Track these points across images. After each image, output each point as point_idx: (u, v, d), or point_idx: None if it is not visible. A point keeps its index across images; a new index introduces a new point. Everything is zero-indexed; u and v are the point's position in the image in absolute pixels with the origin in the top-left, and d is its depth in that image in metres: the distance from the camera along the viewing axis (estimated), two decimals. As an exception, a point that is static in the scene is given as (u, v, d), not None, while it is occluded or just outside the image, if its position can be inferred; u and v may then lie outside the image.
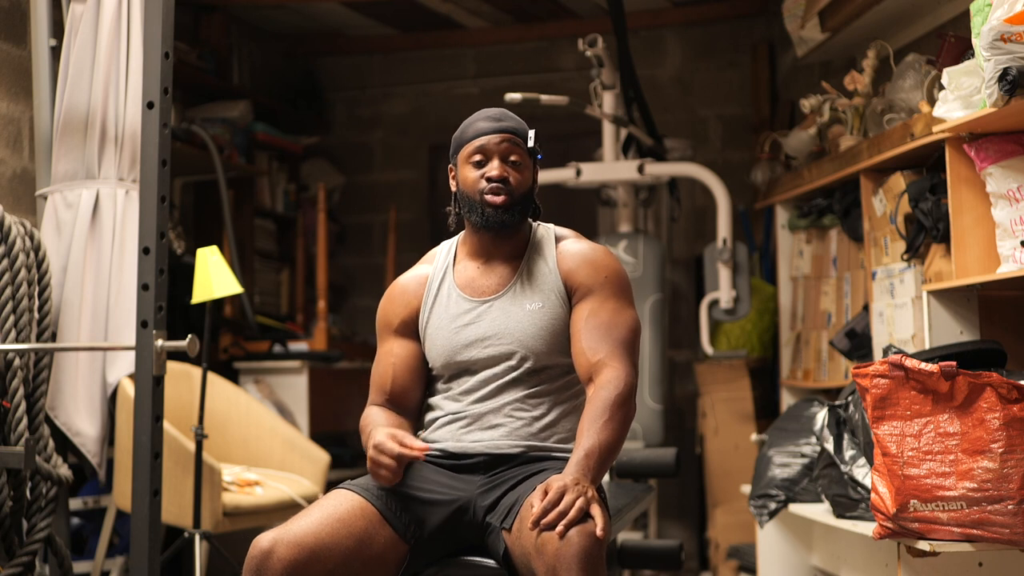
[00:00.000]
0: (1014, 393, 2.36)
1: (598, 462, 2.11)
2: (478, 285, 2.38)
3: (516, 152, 2.36)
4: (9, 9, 3.89)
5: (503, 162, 2.35)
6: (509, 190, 2.33)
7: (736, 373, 4.75)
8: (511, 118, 2.40)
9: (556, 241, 2.41)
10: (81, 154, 3.61)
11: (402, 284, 2.45)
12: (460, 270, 2.41)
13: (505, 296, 2.35)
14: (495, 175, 2.32)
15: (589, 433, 2.13)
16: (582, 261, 2.36)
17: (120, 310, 3.57)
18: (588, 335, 2.27)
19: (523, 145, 2.37)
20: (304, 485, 3.93)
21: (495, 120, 2.38)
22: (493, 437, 2.29)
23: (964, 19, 2.87)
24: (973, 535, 2.42)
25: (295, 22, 5.89)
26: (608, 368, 2.22)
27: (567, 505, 1.99)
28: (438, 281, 2.41)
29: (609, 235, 4.75)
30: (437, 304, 2.38)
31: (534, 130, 2.39)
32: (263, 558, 2.06)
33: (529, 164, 2.38)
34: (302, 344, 5.03)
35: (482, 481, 2.26)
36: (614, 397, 2.18)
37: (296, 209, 5.74)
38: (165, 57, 2.99)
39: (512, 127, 2.37)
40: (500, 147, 2.35)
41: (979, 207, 2.84)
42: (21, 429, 3.11)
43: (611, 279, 2.34)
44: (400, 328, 2.41)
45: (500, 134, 2.35)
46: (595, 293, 2.32)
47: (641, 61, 4.99)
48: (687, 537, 5.36)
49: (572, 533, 1.96)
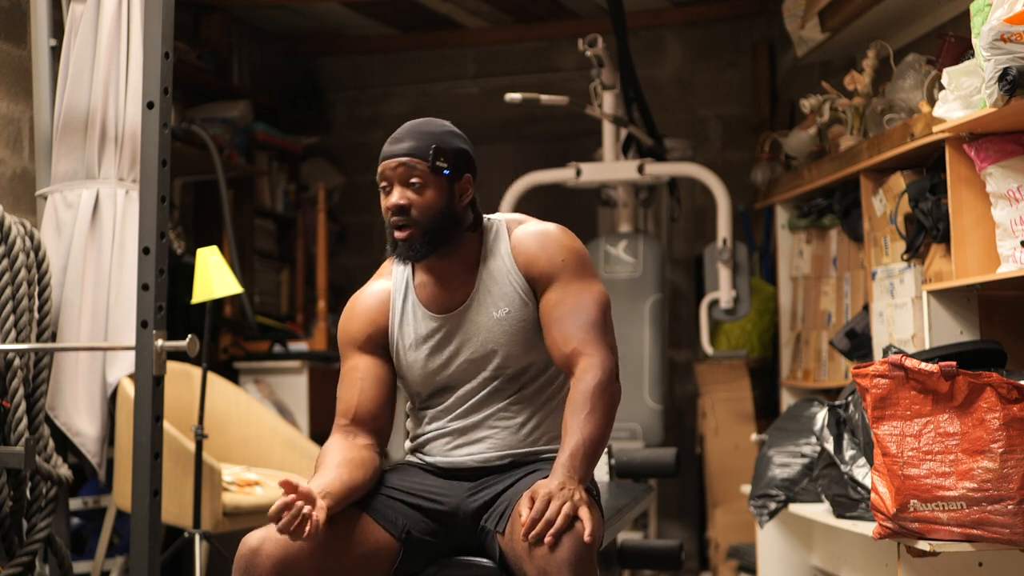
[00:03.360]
0: (1014, 393, 2.36)
1: (584, 459, 2.07)
2: (441, 300, 2.30)
3: (415, 174, 2.21)
4: (9, 9, 3.89)
5: (403, 187, 2.22)
6: (411, 220, 2.21)
7: (736, 373, 4.75)
8: (416, 135, 2.25)
9: (509, 232, 2.32)
10: (81, 154, 3.61)
11: (364, 300, 2.37)
12: (420, 285, 2.33)
13: (470, 307, 2.29)
14: (392, 204, 2.22)
15: (572, 430, 2.10)
16: (537, 250, 2.27)
17: (120, 310, 3.57)
18: (558, 325, 2.22)
19: (423, 165, 2.22)
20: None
21: (396, 142, 2.24)
22: (480, 450, 2.27)
23: (964, 19, 2.87)
24: (973, 535, 2.42)
25: (295, 22, 5.89)
26: (584, 357, 2.17)
27: (553, 513, 1.96)
28: (401, 298, 2.34)
29: (609, 235, 4.75)
30: (404, 323, 2.32)
31: (435, 145, 2.23)
32: (251, 556, 2.05)
33: (438, 182, 2.23)
34: (302, 344, 5.04)
35: (470, 487, 2.26)
36: (593, 387, 2.13)
37: (296, 209, 5.74)
38: (165, 57, 2.99)
39: (407, 149, 2.22)
40: (396, 172, 2.22)
41: (979, 207, 2.84)
42: (21, 429, 3.11)
43: (568, 261, 2.26)
44: (366, 345, 2.33)
45: (395, 159, 2.22)
46: (557, 279, 2.25)
47: (641, 61, 4.99)
48: (687, 537, 5.36)
49: (561, 538, 1.95)
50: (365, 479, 2.19)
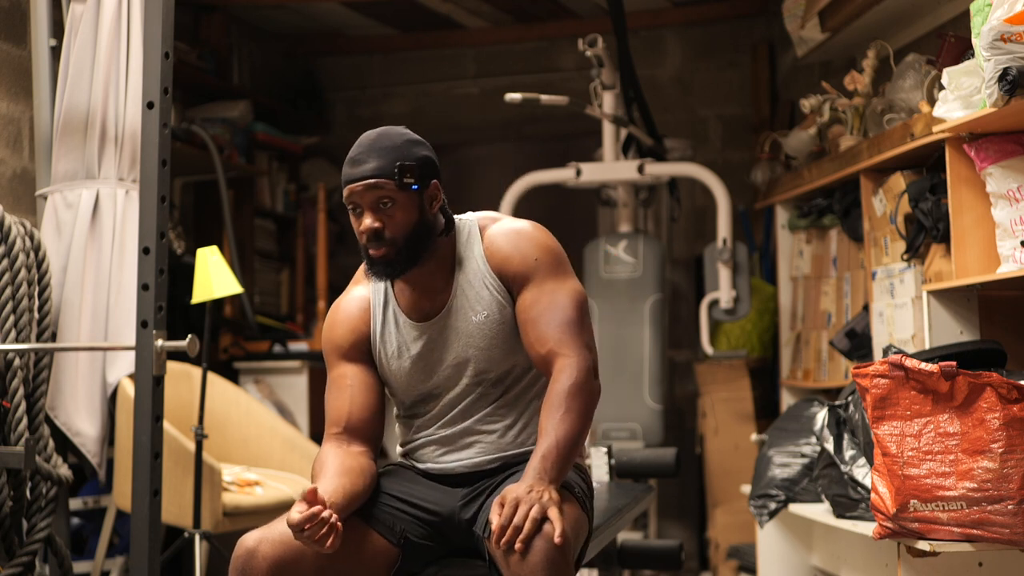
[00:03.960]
0: (1014, 393, 2.36)
1: (556, 461, 2.05)
2: (420, 307, 2.28)
3: (385, 195, 2.16)
4: (9, 9, 3.89)
5: (373, 211, 2.17)
6: (388, 240, 2.18)
7: (736, 373, 4.75)
8: (377, 153, 2.18)
9: (481, 234, 2.29)
10: (81, 154, 3.61)
11: (345, 308, 2.33)
12: (399, 292, 2.31)
13: (449, 313, 2.27)
14: (365, 228, 2.17)
15: (546, 432, 2.08)
16: (511, 250, 2.25)
17: (120, 310, 3.57)
18: (533, 325, 2.20)
19: (390, 184, 2.16)
20: (304, 485, 3.93)
21: (357, 164, 2.18)
22: (470, 455, 2.27)
23: (964, 19, 2.87)
24: (973, 535, 2.42)
25: (295, 22, 5.89)
26: (559, 357, 2.15)
27: (521, 519, 1.95)
28: (381, 305, 2.31)
29: (609, 235, 4.75)
30: (386, 332, 2.30)
31: (399, 161, 2.17)
32: (248, 557, 2.04)
33: (407, 198, 2.18)
34: (302, 344, 5.04)
35: (464, 492, 2.25)
36: (568, 387, 2.11)
37: (296, 209, 5.74)
38: (165, 57, 2.99)
39: (371, 171, 2.16)
40: (365, 196, 2.17)
41: (979, 207, 2.84)
42: (21, 429, 3.11)
43: (543, 259, 2.24)
44: (351, 353, 2.30)
45: (360, 182, 2.17)
46: (531, 279, 2.23)
47: (641, 61, 4.99)
48: (687, 537, 5.36)
49: (532, 542, 1.94)
50: (365, 487, 2.18)
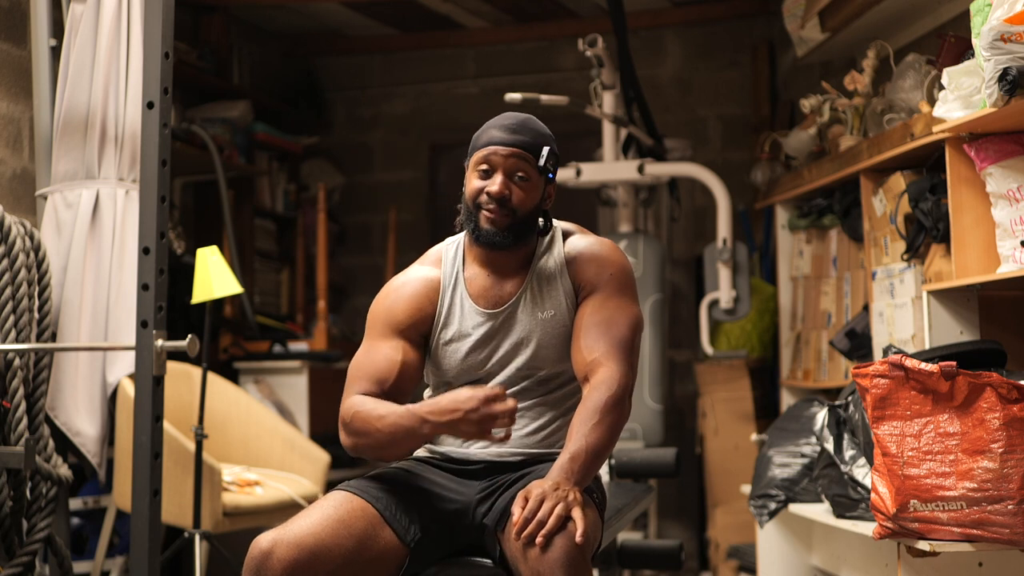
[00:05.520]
0: (1014, 393, 2.36)
1: (583, 465, 2.07)
2: (491, 295, 2.32)
3: (524, 168, 2.25)
4: (9, 9, 3.89)
5: (507, 177, 2.24)
6: (509, 210, 2.24)
7: (736, 373, 4.75)
8: (529, 130, 2.28)
9: (564, 238, 2.37)
10: (81, 154, 3.61)
11: (412, 285, 2.34)
12: (470, 277, 2.34)
13: (518, 305, 2.31)
14: (494, 191, 2.24)
15: (578, 435, 2.10)
16: (589, 257, 2.32)
17: (120, 310, 3.57)
18: (587, 333, 2.24)
19: (534, 162, 2.26)
20: (304, 485, 3.93)
21: (509, 131, 2.26)
22: (494, 445, 2.27)
23: (964, 19, 2.87)
24: (973, 535, 2.42)
25: (295, 22, 5.89)
26: (603, 368, 2.19)
27: (545, 514, 1.97)
28: (450, 289, 2.33)
29: (609, 235, 4.75)
30: (452, 315, 2.32)
31: (548, 147, 2.28)
32: (263, 559, 2.05)
33: (538, 182, 2.28)
34: (302, 344, 5.03)
35: (482, 486, 2.26)
36: (606, 399, 2.14)
37: (296, 209, 5.74)
38: (165, 57, 2.99)
39: (524, 141, 2.26)
40: (507, 162, 2.24)
41: (979, 207, 2.84)
42: (21, 429, 3.11)
43: (616, 275, 2.30)
44: (408, 331, 2.31)
45: (509, 147, 2.25)
46: (599, 290, 2.29)
47: (641, 61, 4.99)
48: (687, 537, 5.36)
49: (553, 539, 1.95)
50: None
